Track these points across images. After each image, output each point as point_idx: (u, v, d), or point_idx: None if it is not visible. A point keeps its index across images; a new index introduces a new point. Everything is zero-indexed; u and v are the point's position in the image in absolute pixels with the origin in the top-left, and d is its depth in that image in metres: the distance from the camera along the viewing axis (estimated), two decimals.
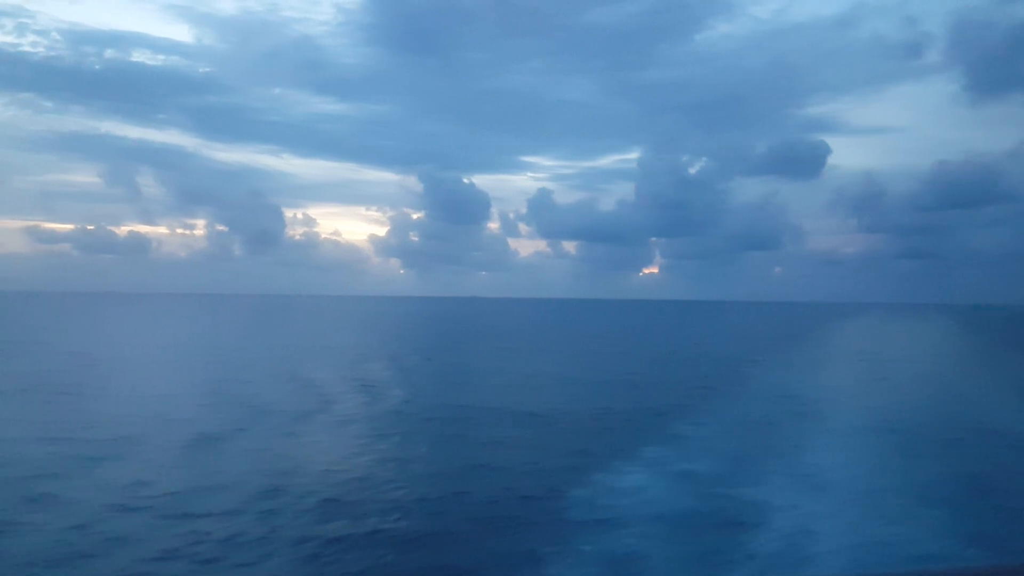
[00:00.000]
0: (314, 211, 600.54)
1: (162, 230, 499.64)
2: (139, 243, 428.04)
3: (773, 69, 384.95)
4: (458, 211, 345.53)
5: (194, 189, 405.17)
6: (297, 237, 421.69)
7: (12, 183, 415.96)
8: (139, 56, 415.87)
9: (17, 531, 16.85)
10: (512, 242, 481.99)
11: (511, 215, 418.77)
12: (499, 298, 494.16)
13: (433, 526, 17.93)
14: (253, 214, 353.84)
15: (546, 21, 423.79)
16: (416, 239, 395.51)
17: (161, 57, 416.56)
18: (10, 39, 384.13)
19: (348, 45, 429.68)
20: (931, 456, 25.90)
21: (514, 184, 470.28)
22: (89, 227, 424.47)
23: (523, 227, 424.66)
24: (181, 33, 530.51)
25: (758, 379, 48.15)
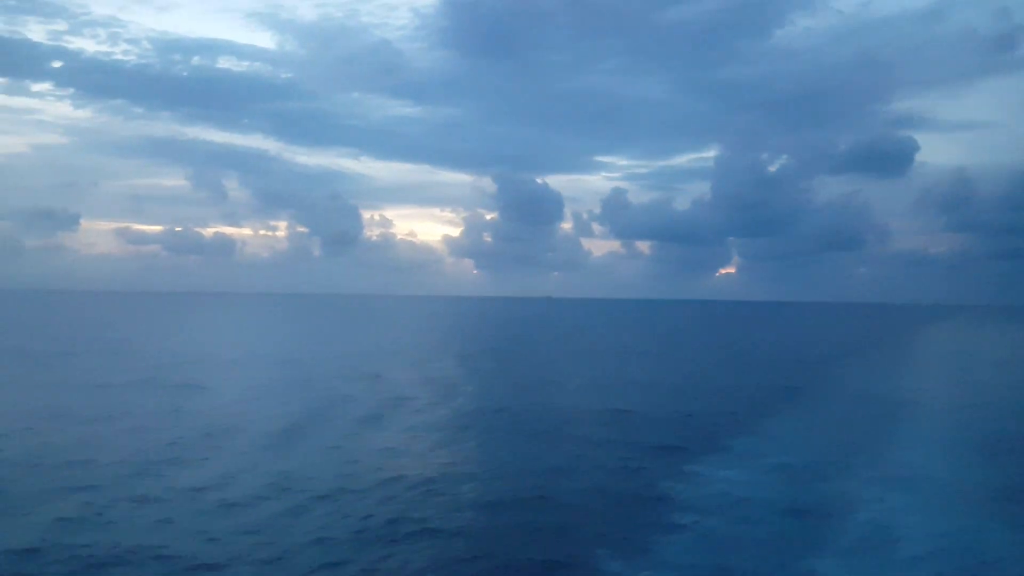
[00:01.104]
0: (390, 212, 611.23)
1: (246, 232, 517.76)
2: (224, 244, 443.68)
3: (857, 64, 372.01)
4: (532, 211, 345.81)
5: (276, 192, 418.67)
6: (374, 238, 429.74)
7: (105, 187, 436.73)
8: (224, 63, 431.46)
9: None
10: (586, 242, 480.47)
11: (585, 215, 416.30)
12: (572, 298, 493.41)
13: (539, 510, 19.18)
14: (332, 216, 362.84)
15: (624, 20, 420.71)
16: (489, 240, 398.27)
17: (245, 64, 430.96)
18: (104, 48, 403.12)
19: (424, 49, 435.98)
20: (1018, 456, 25.48)
21: (588, 184, 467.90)
22: (177, 229, 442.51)
23: (597, 227, 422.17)
24: (264, 40, 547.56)
25: (845, 380, 47.48)
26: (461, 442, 27.15)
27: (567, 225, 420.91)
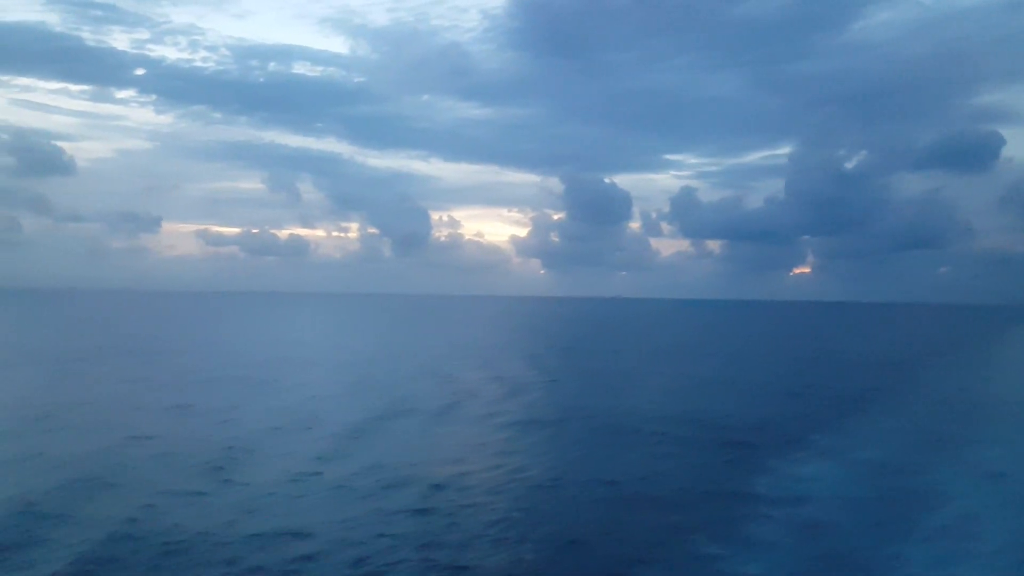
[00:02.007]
0: (458, 213, 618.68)
1: (319, 233, 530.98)
2: (298, 245, 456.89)
3: (938, 57, 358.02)
4: (599, 211, 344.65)
5: (348, 194, 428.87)
6: (442, 239, 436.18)
7: (185, 190, 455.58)
8: (299, 68, 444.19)
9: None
10: (654, 242, 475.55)
11: (653, 214, 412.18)
12: (640, 298, 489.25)
13: (627, 505, 20.19)
14: (402, 217, 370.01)
15: (694, 16, 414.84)
16: (556, 240, 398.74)
17: (319, 69, 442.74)
18: (184, 55, 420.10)
19: (492, 50, 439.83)
20: None
21: (656, 183, 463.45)
22: (254, 231, 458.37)
23: (665, 226, 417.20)
24: (337, 45, 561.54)
25: (928, 382, 46.69)
26: (539, 441, 27.78)
27: (635, 225, 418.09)
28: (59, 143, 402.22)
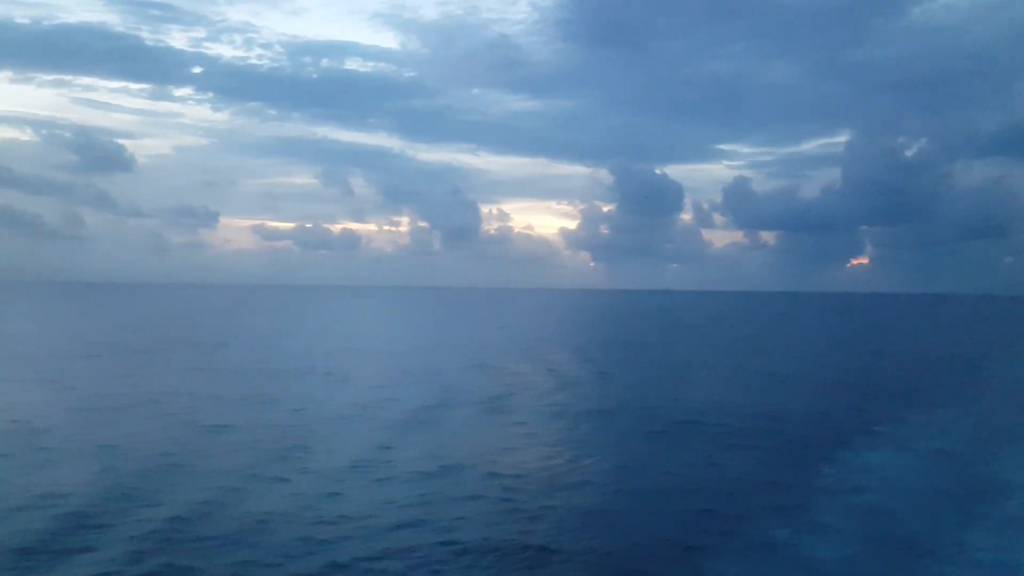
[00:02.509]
0: (508, 206, 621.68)
1: (371, 227, 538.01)
2: (351, 239, 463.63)
3: (1002, 41, 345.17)
4: (650, 202, 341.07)
5: (399, 188, 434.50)
6: (492, 232, 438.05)
7: (242, 185, 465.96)
8: (351, 64, 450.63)
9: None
10: (706, 233, 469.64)
11: (705, 205, 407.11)
12: (692, 291, 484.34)
13: (691, 495, 20.58)
14: (452, 210, 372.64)
15: (750, 3, 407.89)
16: (606, 232, 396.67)
17: (371, 64, 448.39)
18: (239, 53, 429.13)
19: (542, 42, 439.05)
20: None
21: (709, 173, 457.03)
22: (307, 225, 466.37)
23: (718, 217, 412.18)
24: (388, 40, 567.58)
25: (993, 375, 45.69)
26: (592, 432, 28.11)
27: (687, 216, 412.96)
28: (120, 140, 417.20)
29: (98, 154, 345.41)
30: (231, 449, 23.86)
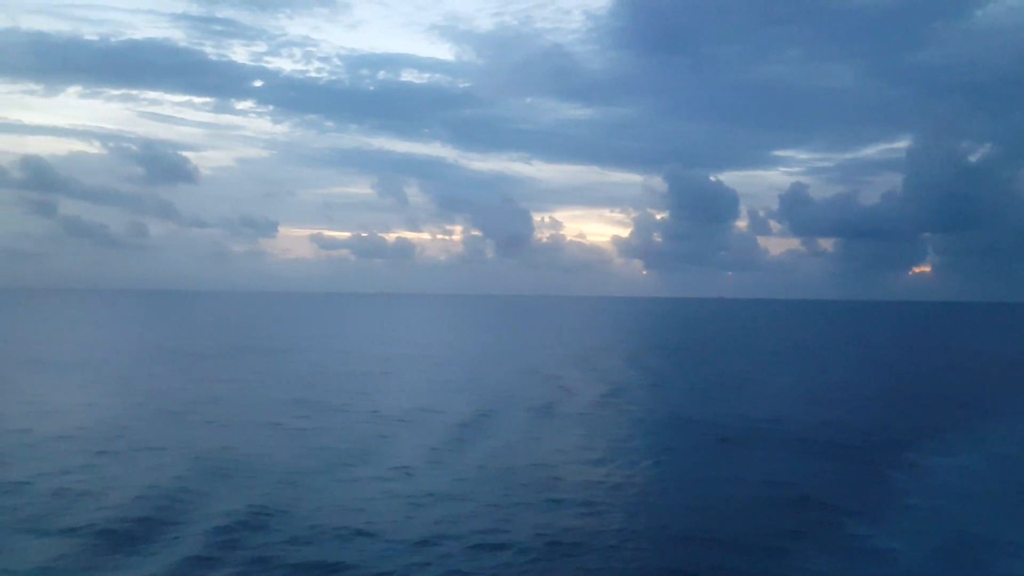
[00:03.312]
0: (560, 214, 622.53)
1: (424, 236, 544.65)
2: (405, 248, 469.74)
3: None
4: (704, 210, 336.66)
5: (452, 197, 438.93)
6: (544, 240, 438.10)
7: (300, 195, 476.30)
8: (407, 76, 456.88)
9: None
10: (762, 240, 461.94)
11: (761, 212, 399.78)
12: (747, 299, 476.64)
13: (767, 487, 20.64)
14: (504, 219, 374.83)
15: (806, 6, 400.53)
16: (660, 239, 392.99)
17: (426, 75, 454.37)
18: (299, 66, 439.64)
19: (596, 51, 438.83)
20: None
21: (765, 180, 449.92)
22: (363, 234, 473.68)
23: (774, 224, 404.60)
24: (443, 52, 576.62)
25: None
26: (648, 442, 27.98)
27: (742, 223, 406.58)
28: (184, 153, 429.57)
29: (163, 166, 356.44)
30: (298, 449, 24.87)
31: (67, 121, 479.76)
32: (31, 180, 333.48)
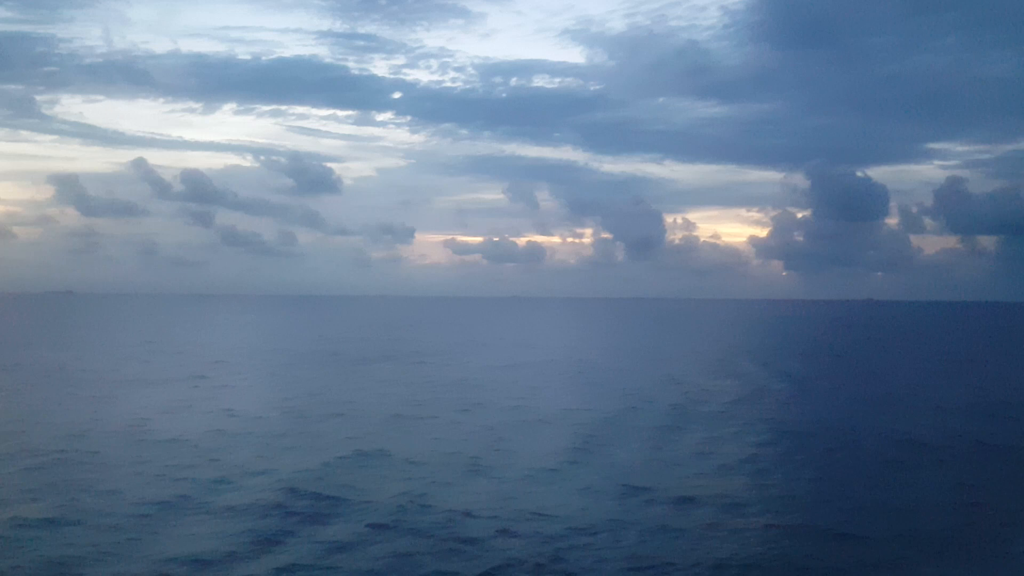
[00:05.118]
0: (693, 215, 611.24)
1: (555, 239, 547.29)
2: (536, 252, 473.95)
3: None
4: (850, 207, 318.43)
5: (583, 200, 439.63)
6: (676, 241, 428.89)
7: (435, 203, 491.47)
8: (539, 81, 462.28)
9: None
10: (915, 239, 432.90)
11: (913, 209, 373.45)
12: (898, 301, 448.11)
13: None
14: (635, 221, 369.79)
15: None
16: (801, 239, 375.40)
17: (557, 80, 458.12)
18: (435, 77, 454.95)
19: (732, 46, 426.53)
20: None
21: (918, 175, 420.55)
22: (495, 239, 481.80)
23: (928, 222, 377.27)
24: (575, 55, 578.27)
25: None
26: (791, 451, 27.01)
27: (892, 221, 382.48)
28: (329, 164, 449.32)
29: (310, 177, 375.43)
30: (433, 450, 25.84)
31: (223, 137, 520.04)
32: (191, 193, 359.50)
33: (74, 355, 61.34)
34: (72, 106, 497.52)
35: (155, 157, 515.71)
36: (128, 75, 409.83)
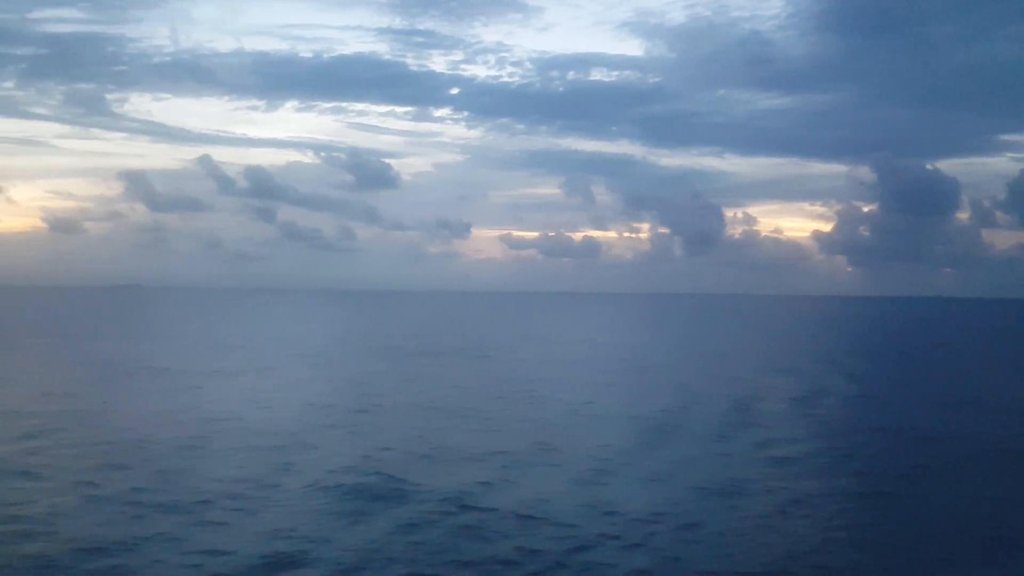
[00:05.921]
0: (754, 209, 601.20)
1: (611, 234, 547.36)
2: (591, 247, 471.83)
3: None
4: (918, 201, 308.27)
5: (639, 195, 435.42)
6: (736, 236, 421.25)
7: (491, 198, 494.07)
8: (596, 75, 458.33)
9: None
10: (987, 234, 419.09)
11: (986, 203, 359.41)
12: (970, 298, 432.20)
13: None
14: (693, 215, 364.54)
15: None
16: (866, 234, 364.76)
17: (615, 73, 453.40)
18: (492, 72, 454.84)
19: (795, 36, 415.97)
20: None
21: (990, 167, 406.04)
22: (550, 234, 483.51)
23: (1002, 216, 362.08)
24: (633, 48, 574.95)
25: None
26: (867, 454, 26.47)
27: (963, 215, 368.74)
28: (387, 160, 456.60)
29: (368, 173, 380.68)
30: (474, 441, 26.46)
31: (285, 133, 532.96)
32: (254, 189, 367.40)
33: (161, 348, 63.53)
34: (141, 104, 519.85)
35: (220, 154, 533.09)
36: (194, 73, 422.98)
